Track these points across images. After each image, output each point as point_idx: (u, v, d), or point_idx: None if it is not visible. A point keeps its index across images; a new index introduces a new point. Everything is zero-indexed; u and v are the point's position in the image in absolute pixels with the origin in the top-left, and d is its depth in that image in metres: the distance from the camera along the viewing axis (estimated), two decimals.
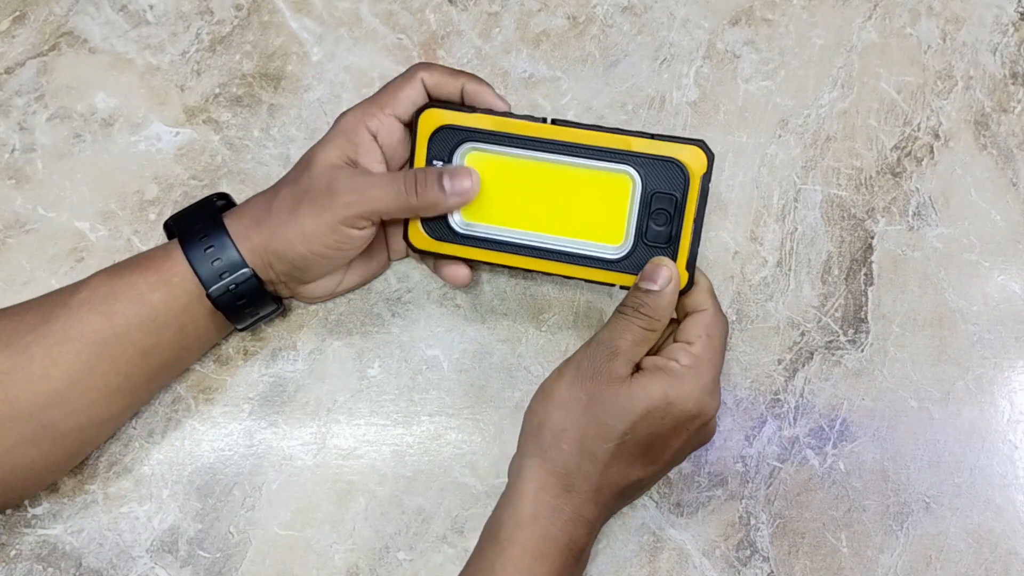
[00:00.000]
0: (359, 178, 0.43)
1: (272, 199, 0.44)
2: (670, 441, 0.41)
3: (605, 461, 0.40)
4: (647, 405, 0.40)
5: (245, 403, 0.49)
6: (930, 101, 0.55)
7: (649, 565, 0.46)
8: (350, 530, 0.47)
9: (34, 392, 0.40)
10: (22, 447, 0.41)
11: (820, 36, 0.56)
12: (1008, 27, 0.56)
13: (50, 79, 0.53)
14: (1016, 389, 0.50)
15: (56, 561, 0.46)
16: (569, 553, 0.40)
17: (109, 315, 0.42)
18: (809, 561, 0.47)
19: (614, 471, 0.40)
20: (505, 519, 0.41)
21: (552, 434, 0.41)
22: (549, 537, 0.40)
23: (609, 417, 0.40)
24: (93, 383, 0.42)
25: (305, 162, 0.45)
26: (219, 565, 0.46)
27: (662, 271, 0.41)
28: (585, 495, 0.40)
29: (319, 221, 0.42)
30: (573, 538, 0.40)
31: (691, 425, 0.41)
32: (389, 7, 0.55)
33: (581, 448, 0.40)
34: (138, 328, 0.42)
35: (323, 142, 0.45)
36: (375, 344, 0.50)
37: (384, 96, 0.45)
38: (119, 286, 0.42)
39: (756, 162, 0.54)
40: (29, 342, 0.41)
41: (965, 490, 0.48)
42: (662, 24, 0.56)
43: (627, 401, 0.40)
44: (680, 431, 0.41)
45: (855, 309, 0.51)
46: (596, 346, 0.42)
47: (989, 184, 0.53)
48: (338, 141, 0.44)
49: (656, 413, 0.40)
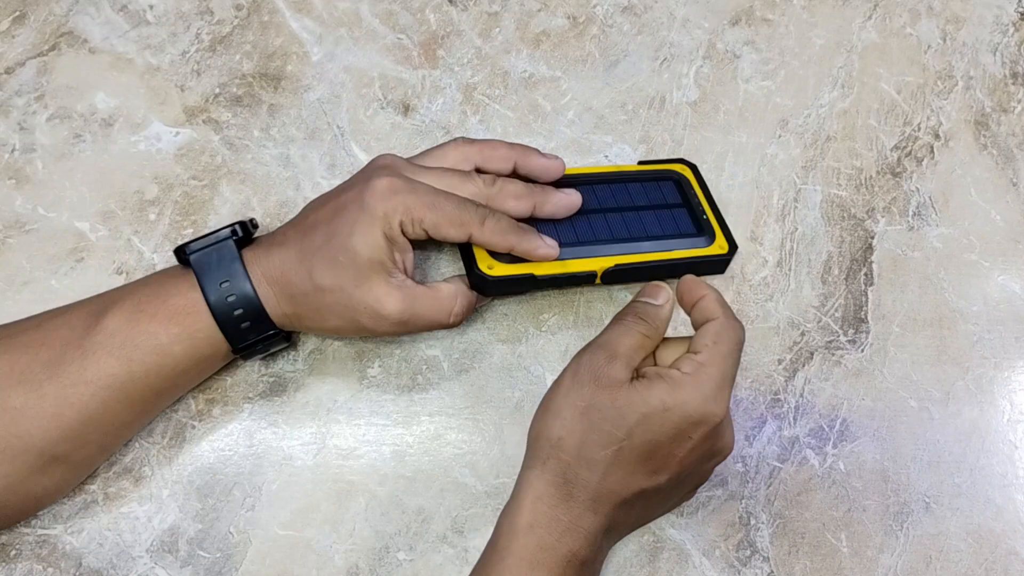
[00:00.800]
0: (414, 305, 0.43)
1: (309, 282, 0.42)
2: (674, 450, 0.39)
3: (603, 469, 0.39)
4: (645, 410, 0.39)
5: (245, 403, 0.49)
6: (930, 101, 0.55)
7: (649, 565, 0.46)
8: (350, 530, 0.47)
9: (46, 428, 0.40)
10: (33, 476, 0.41)
11: (820, 36, 0.56)
12: (1008, 27, 0.56)
13: (50, 79, 0.53)
14: (1016, 389, 0.50)
15: (56, 561, 0.46)
16: (568, 565, 0.39)
17: (127, 361, 0.41)
18: (809, 561, 0.47)
19: (613, 479, 0.39)
20: (504, 528, 0.40)
21: (549, 444, 0.40)
22: (546, 547, 0.39)
23: (606, 423, 0.39)
24: (107, 419, 0.42)
25: (347, 254, 0.42)
26: (219, 565, 0.46)
27: (662, 291, 0.43)
28: (583, 504, 0.39)
29: (359, 332, 0.44)
30: (572, 549, 0.39)
31: (694, 432, 0.39)
32: (389, 7, 0.55)
33: (578, 456, 0.40)
34: (156, 375, 0.42)
35: (363, 232, 0.42)
36: (375, 344, 0.50)
37: (430, 215, 0.43)
38: (138, 334, 0.41)
39: (756, 162, 0.54)
40: (43, 380, 0.40)
41: (965, 490, 0.48)
42: (662, 24, 0.56)
43: (625, 406, 0.39)
44: (682, 439, 0.39)
45: (855, 309, 0.51)
46: (595, 350, 0.41)
47: (989, 184, 0.53)
48: (378, 240, 0.42)
49: (654, 419, 0.39)
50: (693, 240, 0.49)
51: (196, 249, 0.43)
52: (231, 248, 0.43)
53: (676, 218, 0.50)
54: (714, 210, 0.51)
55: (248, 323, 0.43)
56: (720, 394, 0.40)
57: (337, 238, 0.42)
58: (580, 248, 0.47)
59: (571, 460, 0.40)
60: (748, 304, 0.51)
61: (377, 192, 0.42)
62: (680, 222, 0.50)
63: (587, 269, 0.47)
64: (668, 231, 0.49)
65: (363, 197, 0.42)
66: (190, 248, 0.43)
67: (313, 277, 0.42)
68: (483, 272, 0.45)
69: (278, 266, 0.43)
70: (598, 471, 0.39)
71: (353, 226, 0.42)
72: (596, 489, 0.39)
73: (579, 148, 0.54)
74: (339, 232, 0.42)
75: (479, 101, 0.55)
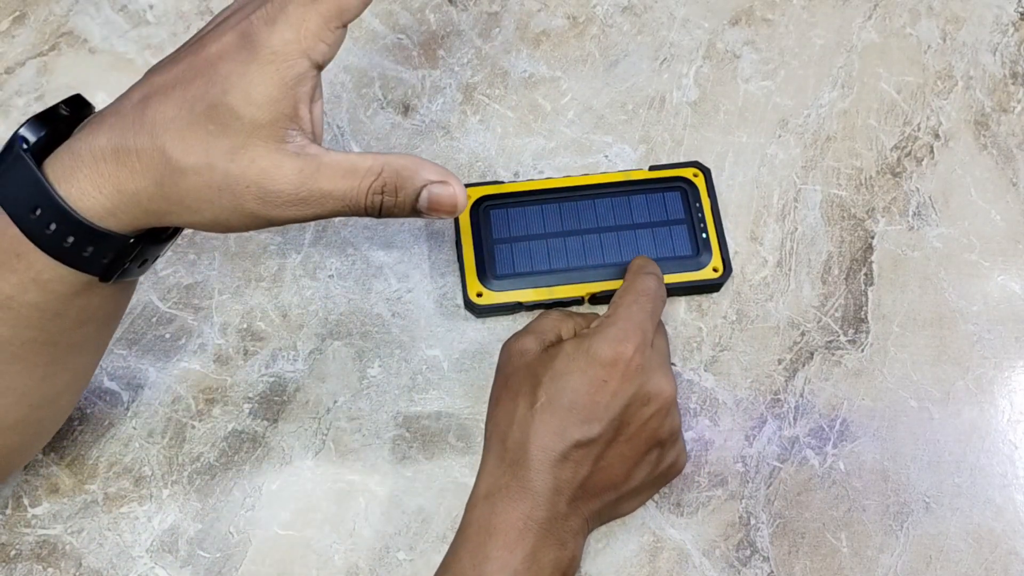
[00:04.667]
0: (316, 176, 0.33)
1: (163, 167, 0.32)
2: (596, 397, 0.40)
3: (531, 426, 0.41)
4: (554, 364, 0.41)
5: (245, 403, 0.49)
6: (930, 101, 0.55)
7: (649, 565, 0.46)
8: (350, 530, 0.47)
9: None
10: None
11: (820, 36, 0.56)
12: (1008, 27, 0.56)
13: (50, 79, 0.53)
14: (1016, 389, 0.50)
15: (56, 561, 0.46)
16: (525, 527, 0.40)
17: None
18: (809, 561, 0.47)
19: (544, 435, 0.41)
20: (467, 506, 0.42)
21: (491, 424, 0.43)
22: (499, 512, 0.40)
23: (524, 385, 0.42)
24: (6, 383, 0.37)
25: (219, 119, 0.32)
26: (219, 565, 0.46)
27: None
28: (527, 466, 0.41)
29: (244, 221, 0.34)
30: (526, 512, 0.40)
31: (610, 376, 0.41)
32: (389, 7, 0.55)
33: (510, 423, 0.42)
34: (27, 327, 0.35)
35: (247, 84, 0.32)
36: (375, 344, 0.50)
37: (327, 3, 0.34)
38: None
39: (756, 162, 0.54)
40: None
41: (965, 490, 0.48)
42: (662, 24, 0.56)
43: (537, 365, 0.42)
44: (598, 383, 0.41)
45: (855, 309, 0.51)
46: (512, 335, 0.45)
47: (989, 184, 0.53)
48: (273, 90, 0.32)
49: (563, 369, 0.41)
50: (687, 263, 0.50)
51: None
52: (26, 166, 0.32)
53: (674, 237, 0.50)
54: (717, 224, 0.51)
55: (91, 248, 0.33)
56: (627, 336, 0.41)
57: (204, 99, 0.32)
58: (569, 274, 0.50)
59: (505, 429, 0.42)
60: (748, 304, 0.51)
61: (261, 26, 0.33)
62: (678, 242, 0.50)
63: (574, 295, 0.49)
64: (663, 253, 0.50)
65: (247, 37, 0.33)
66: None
67: (168, 157, 0.32)
68: (472, 300, 0.49)
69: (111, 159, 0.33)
70: (527, 430, 0.41)
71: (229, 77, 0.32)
72: (531, 449, 0.41)
73: (579, 148, 0.54)
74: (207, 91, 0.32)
75: (479, 101, 0.55)
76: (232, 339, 0.49)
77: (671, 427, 0.43)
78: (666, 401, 0.42)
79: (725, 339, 0.50)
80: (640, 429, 0.42)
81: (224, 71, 0.32)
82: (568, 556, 0.42)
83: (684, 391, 0.49)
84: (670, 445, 0.44)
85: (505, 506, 0.40)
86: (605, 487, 0.43)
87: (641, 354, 0.41)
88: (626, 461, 0.42)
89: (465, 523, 0.42)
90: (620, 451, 0.42)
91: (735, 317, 0.51)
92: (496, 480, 0.41)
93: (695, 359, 0.50)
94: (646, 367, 0.41)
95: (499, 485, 0.41)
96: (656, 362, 0.42)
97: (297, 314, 0.50)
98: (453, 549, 0.41)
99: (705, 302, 0.51)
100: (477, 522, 0.41)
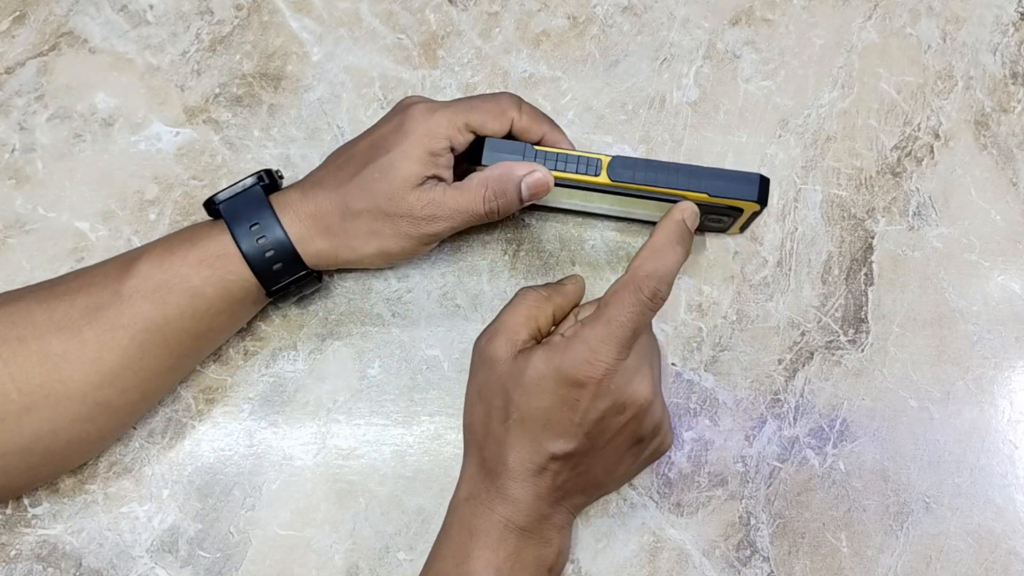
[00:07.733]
0: (445, 198, 0.43)
1: (344, 209, 0.43)
2: (570, 416, 0.40)
3: (506, 441, 0.41)
4: (523, 381, 0.40)
5: (245, 403, 0.49)
6: (930, 101, 0.55)
7: (649, 565, 0.46)
8: (350, 530, 0.47)
9: (88, 373, 0.41)
10: (78, 423, 0.42)
11: (820, 36, 0.56)
12: (1008, 27, 0.56)
13: (50, 79, 0.53)
14: (1016, 389, 0.50)
15: (56, 561, 0.46)
16: (506, 529, 0.41)
17: (162, 304, 0.42)
18: (809, 561, 0.47)
19: (519, 450, 0.41)
20: (449, 507, 0.43)
21: (467, 430, 0.44)
22: (481, 514, 0.41)
23: (496, 398, 0.41)
24: (146, 364, 0.42)
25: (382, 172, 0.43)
26: (219, 565, 0.46)
27: None
28: (505, 476, 0.41)
29: (402, 243, 0.44)
30: (506, 516, 0.41)
31: (581, 396, 0.39)
32: (389, 7, 0.55)
33: (485, 434, 0.42)
34: (191, 317, 0.43)
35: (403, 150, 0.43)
36: (375, 344, 0.50)
37: (472, 115, 0.44)
38: (171, 277, 0.42)
39: (756, 162, 0.54)
40: (82, 326, 0.41)
41: (965, 490, 0.48)
42: (662, 24, 0.56)
43: (507, 378, 0.41)
44: (570, 404, 0.40)
45: (855, 309, 0.51)
46: (483, 332, 0.44)
47: (989, 184, 0.53)
48: (420, 155, 0.43)
49: (533, 387, 0.40)
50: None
51: (224, 199, 0.44)
52: (258, 193, 0.44)
53: None
54: None
55: (280, 264, 0.43)
56: (600, 355, 0.39)
57: (374, 163, 0.43)
58: None
59: (481, 439, 0.42)
60: (748, 304, 0.51)
61: (416, 116, 0.43)
62: None
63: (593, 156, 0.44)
64: None
65: (403, 124, 0.43)
66: (218, 198, 0.44)
67: (348, 203, 0.43)
68: None
69: (311, 201, 0.44)
70: (503, 444, 0.41)
71: (391, 150, 0.43)
72: (508, 461, 0.41)
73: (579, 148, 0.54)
74: (375, 158, 0.43)
75: None
76: (232, 339, 0.49)
77: (651, 424, 0.42)
78: (641, 406, 0.41)
79: (725, 339, 0.50)
80: (617, 435, 0.41)
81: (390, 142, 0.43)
82: (553, 552, 0.42)
83: (684, 391, 0.49)
84: (650, 438, 0.43)
85: (486, 509, 0.41)
86: (587, 485, 0.43)
87: (614, 371, 0.39)
88: (607, 461, 0.42)
89: (447, 524, 0.43)
90: (599, 456, 0.42)
91: (735, 317, 0.51)
92: (476, 486, 0.42)
93: (695, 359, 0.50)
94: (620, 379, 0.40)
95: (480, 489, 0.42)
96: (632, 367, 0.40)
97: (297, 314, 0.50)
98: (436, 549, 0.42)
99: (705, 302, 0.51)
100: (459, 523, 0.42)
